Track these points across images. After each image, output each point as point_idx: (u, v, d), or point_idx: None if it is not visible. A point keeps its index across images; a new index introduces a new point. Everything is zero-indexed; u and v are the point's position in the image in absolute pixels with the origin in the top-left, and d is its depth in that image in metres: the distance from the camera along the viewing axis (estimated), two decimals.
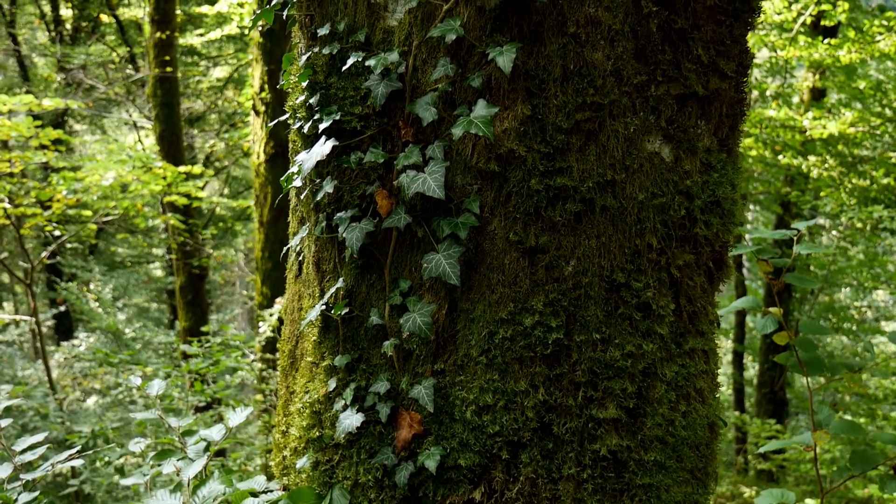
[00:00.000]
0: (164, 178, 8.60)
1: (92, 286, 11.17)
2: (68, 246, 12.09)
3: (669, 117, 1.63)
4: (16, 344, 10.79)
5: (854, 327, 12.81)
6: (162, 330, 10.30)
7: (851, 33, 8.91)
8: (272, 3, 1.78)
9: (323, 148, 1.61)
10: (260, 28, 8.00)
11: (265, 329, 6.90)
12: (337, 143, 1.61)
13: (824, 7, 9.09)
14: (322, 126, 1.64)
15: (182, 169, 8.78)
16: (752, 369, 14.49)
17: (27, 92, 12.11)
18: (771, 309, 2.43)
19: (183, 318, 10.01)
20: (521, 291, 1.60)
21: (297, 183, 1.72)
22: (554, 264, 1.60)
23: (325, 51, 1.65)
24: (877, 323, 15.01)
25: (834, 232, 12.42)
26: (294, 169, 1.78)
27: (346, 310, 1.70)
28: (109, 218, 8.72)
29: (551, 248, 1.59)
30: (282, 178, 1.83)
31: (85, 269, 11.97)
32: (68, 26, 12.85)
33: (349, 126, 1.66)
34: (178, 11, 11.36)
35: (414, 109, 1.58)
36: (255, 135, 8.48)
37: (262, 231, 8.41)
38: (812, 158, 10.17)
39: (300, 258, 1.88)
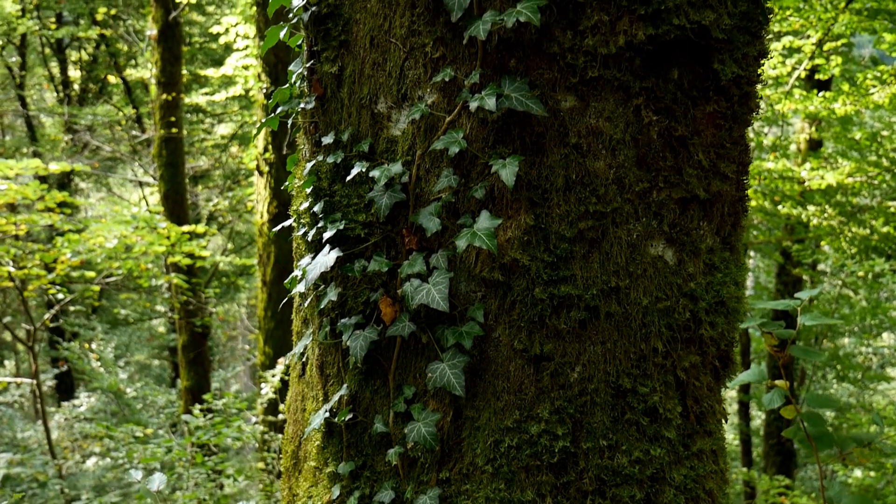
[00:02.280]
0: (168, 237, 8.64)
1: (94, 345, 11.14)
2: (71, 308, 12.10)
3: (672, 221, 1.64)
4: (16, 404, 10.72)
5: (860, 375, 12.70)
6: (163, 388, 10.24)
7: (846, 86, 9.01)
8: (277, 112, 1.81)
9: (327, 258, 1.61)
10: (264, 90, 8.12)
11: (267, 391, 6.86)
12: (341, 254, 1.62)
13: (818, 62, 9.22)
14: (326, 235, 1.65)
15: (185, 228, 8.83)
16: (758, 419, 14.35)
17: (34, 152, 12.26)
18: (777, 382, 2.41)
19: (185, 377, 9.96)
20: (527, 399, 1.59)
21: (301, 289, 1.72)
22: (559, 371, 1.59)
23: (330, 159, 1.67)
24: (882, 370, 14.89)
25: (836, 280, 12.41)
26: (297, 273, 1.78)
27: (350, 416, 1.69)
28: (113, 279, 8.74)
29: (556, 356, 1.59)
30: (285, 281, 1.84)
31: (87, 327, 11.96)
32: (76, 87, 13.05)
33: (353, 233, 1.67)
34: (185, 71, 11.55)
35: (417, 220, 1.59)
36: (258, 194, 8.54)
37: (264, 290, 8.41)
38: (811, 208, 10.21)
39: (304, 359, 1.87)
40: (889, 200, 10.51)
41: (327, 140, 1.69)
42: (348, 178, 1.64)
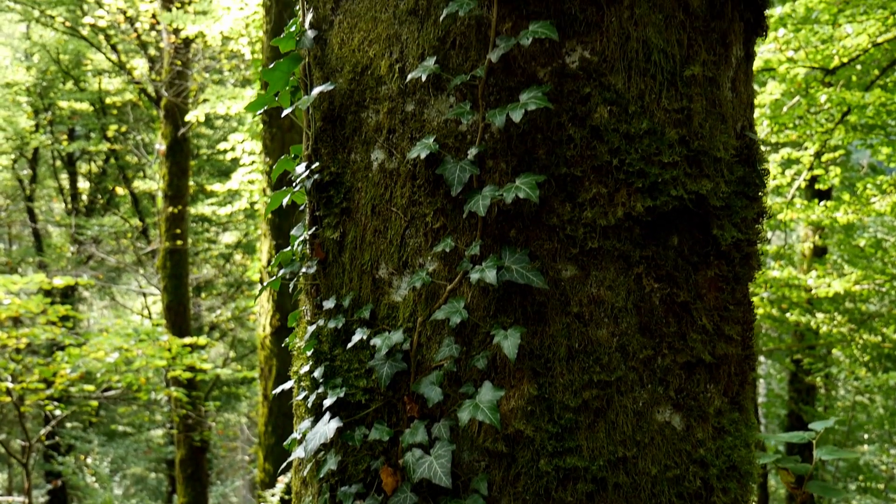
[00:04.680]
0: (169, 350, 8.59)
1: (90, 459, 10.90)
2: (68, 425, 11.92)
3: (678, 387, 1.61)
4: None
5: (883, 486, 12.32)
6: None
7: (846, 196, 9.11)
8: (279, 273, 1.81)
9: (327, 428, 1.58)
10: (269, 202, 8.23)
11: None
12: (341, 424, 1.59)
13: (817, 172, 9.36)
14: (327, 402, 1.62)
15: (187, 340, 8.79)
16: None
17: (40, 263, 12.36)
18: None
19: (182, 492, 9.69)
20: None
21: (301, 454, 1.68)
22: None
23: (331, 324, 1.66)
24: None
25: (850, 385, 12.21)
26: (297, 436, 1.74)
27: None
28: (112, 392, 8.65)
29: None
30: (285, 443, 1.79)
31: (84, 440, 11.74)
32: (84, 198, 13.28)
33: (354, 399, 1.64)
34: (192, 183, 11.77)
35: (419, 389, 1.56)
36: (261, 307, 8.52)
37: (265, 405, 8.28)
38: (820, 315, 10.15)
39: None
40: None
41: (329, 304, 1.68)
42: (349, 344, 1.63)
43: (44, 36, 12.57)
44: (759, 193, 1.70)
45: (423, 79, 1.55)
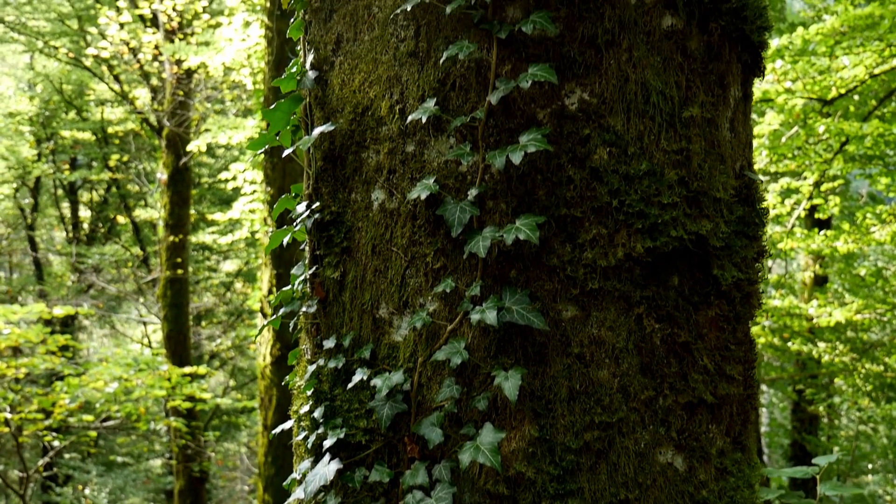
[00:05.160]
0: (169, 379, 8.55)
1: (88, 490, 10.81)
2: (66, 455, 11.85)
3: (680, 427, 1.60)
4: None
5: None
6: None
7: (846, 225, 9.13)
8: (279, 313, 1.81)
9: (327, 470, 1.57)
10: (269, 233, 8.25)
11: None
12: (341, 466, 1.58)
13: (817, 201, 9.38)
14: (327, 443, 1.61)
15: (187, 370, 8.75)
16: None
17: (40, 291, 12.36)
18: None
19: None
20: None
21: (300, 495, 1.66)
22: None
23: (331, 364, 1.65)
24: None
25: (853, 414, 12.13)
26: (297, 476, 1.73)
27: None
28: (111, 423, 8.61)
29: None
30: (285, 483, 1.78)
31: (82, 470, 11.65)
32: (85, 226, 13.31)
33: (354, 440, 1.63)
34: (192, 211, 11.80)
35: (419, 430, 1.55)
36: (261, 337, 8.51)
37: (265, 435, 8.23)
38: (822, 345, 10.12)
39: None
40: None
41: (329, 344, 1.68)
42: (350, 384, 1.62)
43: (47, 66, 12.69)
44: (759, 232, 1.71)
45: (424, 120, 1.56)
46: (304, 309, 1.75)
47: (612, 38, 1.56)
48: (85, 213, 13.66)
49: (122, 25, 10.40)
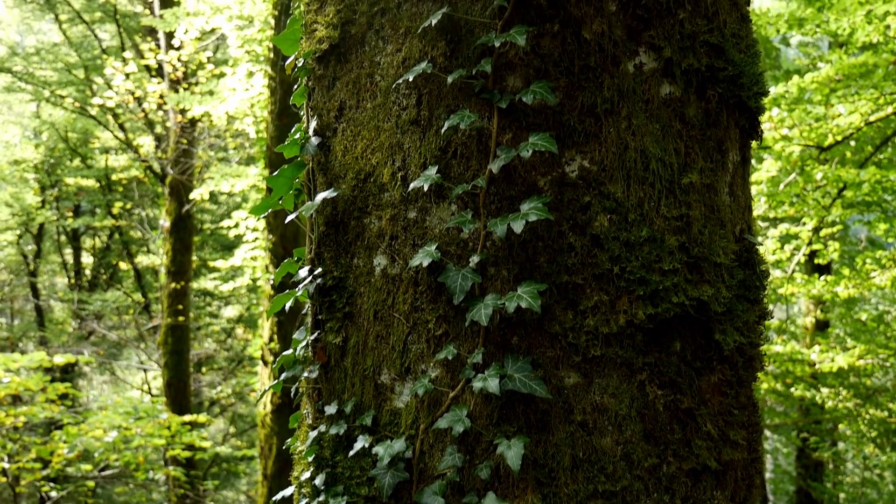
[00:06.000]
0: (168, 427, 8.48)
1: None
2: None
3: (684, 495, 1.59)
4: None
5: None
6: None
7: (846, 270, 9.13)
8: (281, 377, 1.81)
9: None
10: (270, 282, 8.26)
11: None
12: None
13: (816, 247, 9.39)
14: None
15: (187, 418, 8.68)
16: None
17: (41, 338, 12.32)
18: None
19: None
20: None
21: None
22: None
23: (333, 430, 1.64)
24: None
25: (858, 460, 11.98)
26: None
27: None
28: (109, 472, 8.51)
29: None
30: None
31: None
32: (87, 273, 13.33)
33: None
34: (195, 257, 11.82)
35: (421, 499, 1.54)
36: (262, 384, 8.46)
37: (265, 484, 8.13)
38: (825, 390, 10.04)
39: None
40: None
41: (330, 409, 1.67)
42: (351, 452, 1.61)
43: (53, 115, 12.84)
44: (760, 296, 1.71)
45: (426, 187, 1.58)
46: (305, 374, 1.74)
47: (612, 107, 1.58)
48: (87, 259, 13.70)
49: (127, 75, 10.55)
